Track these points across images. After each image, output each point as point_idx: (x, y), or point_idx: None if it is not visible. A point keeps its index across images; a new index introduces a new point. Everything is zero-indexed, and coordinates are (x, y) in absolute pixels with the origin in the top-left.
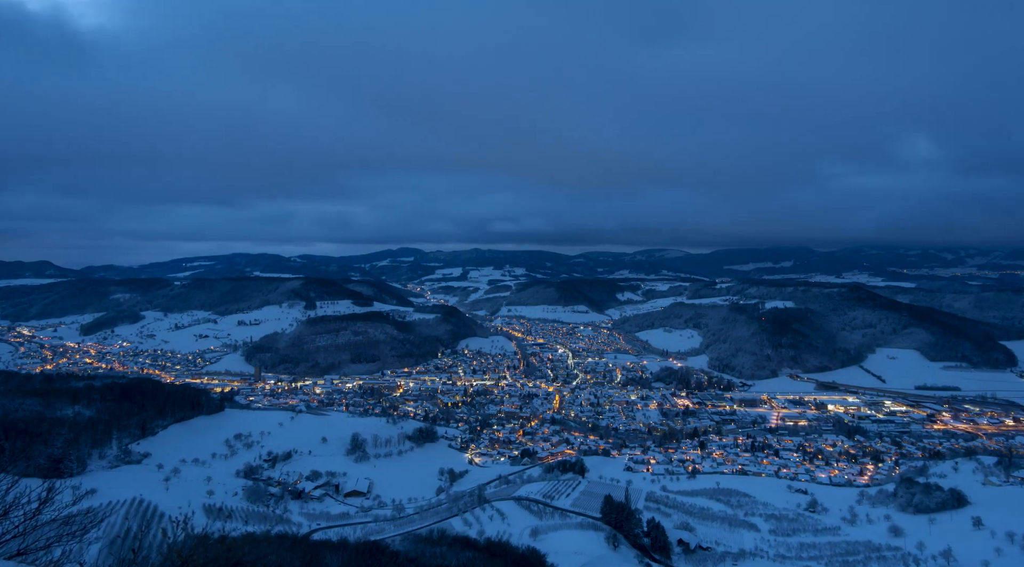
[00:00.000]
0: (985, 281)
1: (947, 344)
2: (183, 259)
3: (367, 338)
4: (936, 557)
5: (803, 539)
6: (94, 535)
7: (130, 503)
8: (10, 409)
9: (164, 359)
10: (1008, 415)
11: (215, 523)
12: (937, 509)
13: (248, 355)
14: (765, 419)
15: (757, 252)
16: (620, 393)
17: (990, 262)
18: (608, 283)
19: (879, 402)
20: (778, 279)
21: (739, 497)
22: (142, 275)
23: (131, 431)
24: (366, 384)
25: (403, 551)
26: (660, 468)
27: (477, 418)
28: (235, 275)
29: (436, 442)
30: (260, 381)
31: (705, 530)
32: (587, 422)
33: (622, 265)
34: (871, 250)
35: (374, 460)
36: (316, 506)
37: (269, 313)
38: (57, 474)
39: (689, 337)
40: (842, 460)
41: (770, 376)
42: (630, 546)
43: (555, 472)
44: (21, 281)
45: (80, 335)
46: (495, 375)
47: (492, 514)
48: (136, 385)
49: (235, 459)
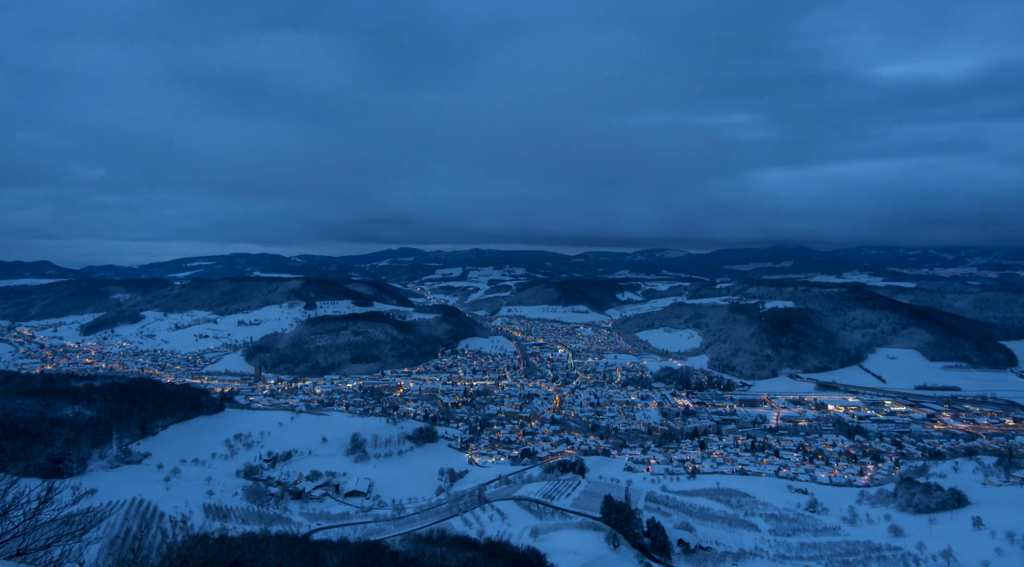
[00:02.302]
0: (985, 281)
1: (947, 344)
2: (183, 259)
3: (367, 338)
4: (936, 557)
5: (803, 539)
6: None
7: (130, 503)
8: (10, 409)
9: (164, 359)
10: (1008, 415)
11: (215, 523)
12: (937, 509)
13: (248, 355)
14: (765, 419)
15: (757, 252)
16: (620, 393)
17: (990, 262)
18: (608, 283)
19: (879, 402)
20: (778, 279)
21: (739, 497)
22: (142, 275)
23: (131, 431)
24: (366, 384)
25: (403, 551)
26: (660, 468)
27: (477, 418)
28: (235, 275)
29: (436, 442)
30: (260, 381)
31: (705, 530)
32: (587, 422)
33: (622, 265)
34: (871, 250)
35: (374, 460)
36: (316, 506)
37: (269, 313)
38: (57, 474)
39: (689, 337)
40: (842, 460)
41: (770, 376)
42: (630, 546)
43: (555, 472)
44: (21, 281)
45: (80, 335)
46: (495, 375)
47: (492, 514)
48: (136, 385)
49: (235, 459)
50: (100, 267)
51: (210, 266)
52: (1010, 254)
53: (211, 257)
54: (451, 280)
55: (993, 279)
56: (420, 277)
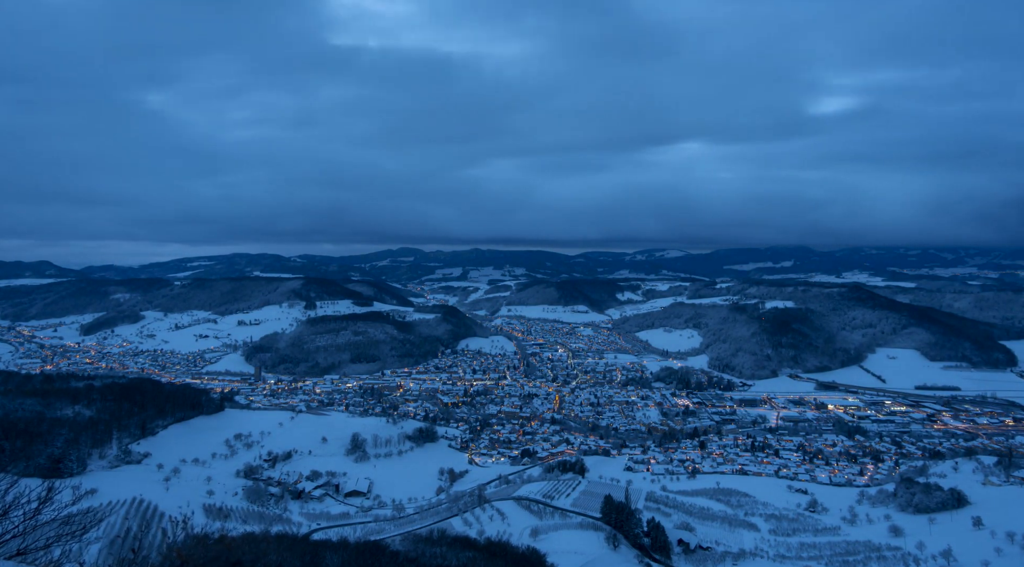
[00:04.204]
0: (985, 281)
1: (947, 344)
2: (183, 259)
3: (367, 338)
4: (936, 557)
5: (803, 539)
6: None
7: (130, 503)
8: (10, 409)
9: (164, 359)
10: (1008, 415)
11: (215, 523)
12: (937, 509)
13: (248, 355)
14: (765, 419)
15: (757, 252)
16: (620, 393)
17: (990, 262)
18: (608, 283)
19: (879, 402)
20: (778, 279)
21: (739, 497)
22: (142, 275)
23: (131, 431)
24: (366, 384)
25: (403, 551)
26: (660, 468)
27: (477, 418)
28: (235, 275)
29: (436, 442)
30: (260, 381)
31: (705, 530)
32: (587, 422)
33: (622, 265)
34: (871, 250)
35: (374, 460)
36: (316, 506)
37: (269, 313)
38: (57, 474)
39: (689, 337)
40: (842, 460)
41: (770, 376)
42: (630, 546)
43: (555, 472)
44: (21, 281)
45: (80, 335)
46: (495, 375)
47: (492, 514)
48: (136, 385)
49: (235, 459)
50: (100, 267)
51: (210, 266)
52: (1010, 254)
53: (211, 257)
54: (451, 280)
55: (993, 279)
56: (420, 277)
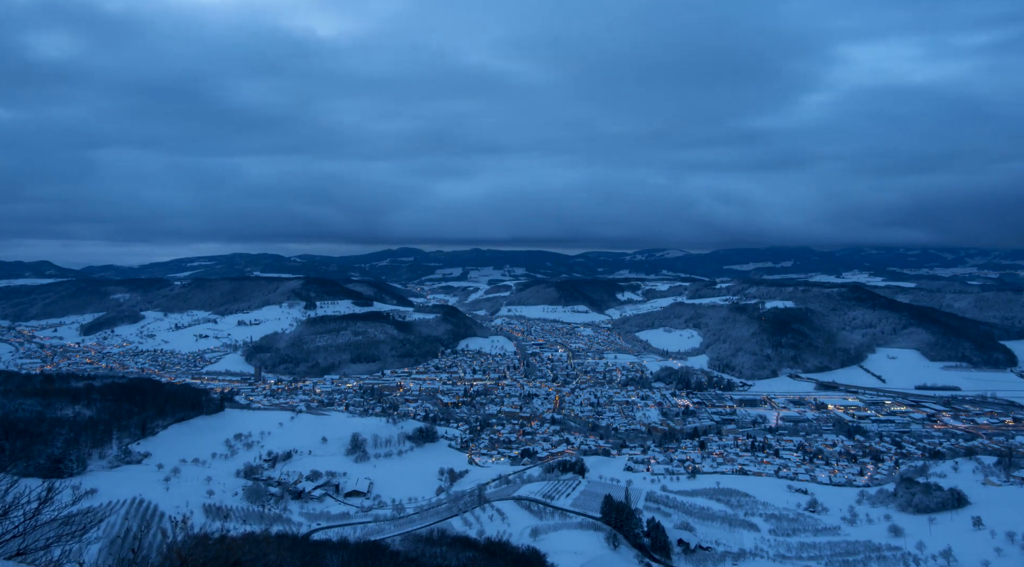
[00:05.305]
0: (985, 281)
1: (947, 344)
2: (183, 259)
3: (367, 338)
4: (936, 557)
5: (803, 539)
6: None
7: (130, 503)
8: (10, 409)
9: (164, 359)
10: (1008, 415)
11: (215, 523)
12: (937, 509)
13: (248, 355)
14: (765, 419)
15: (757, 252)
16: (620, 393)
17: (990, 262)
18: (608, 283)
19: (879, 402)
20: (778, 279)
21: (739, 497)
22: (142, 275)
23: (131, 431)
24: (366, 384)
25: (403, 551)
26: (660, 468)
27: (477, 418)
28: (235, 275)
29: (436, 442)
30: (260, 381)
31: (705, 530)
32: (587, 422)
33: (622, 265)
34: (871, 250)
35: (374, 460)
36: (316, 506)
37: (269, 313)
38: (57, 474)
39: (689, 337)
40: (842, 460)
41: (770, 376)
42: (630, 546)
43: (555, 472)
44: (21, 281)
45: (80, 335)
46: (495, 375)
47: (492, 514)
48: (136, 385)
49: (235, 459)
50: (100, 267)
51: (210, 266)
52: (1010, 254)
53: (211, 257)
54: (451, 280)
55: (993, 279)
56: (420, 277)
